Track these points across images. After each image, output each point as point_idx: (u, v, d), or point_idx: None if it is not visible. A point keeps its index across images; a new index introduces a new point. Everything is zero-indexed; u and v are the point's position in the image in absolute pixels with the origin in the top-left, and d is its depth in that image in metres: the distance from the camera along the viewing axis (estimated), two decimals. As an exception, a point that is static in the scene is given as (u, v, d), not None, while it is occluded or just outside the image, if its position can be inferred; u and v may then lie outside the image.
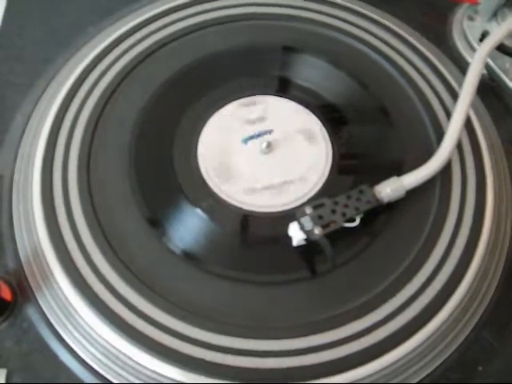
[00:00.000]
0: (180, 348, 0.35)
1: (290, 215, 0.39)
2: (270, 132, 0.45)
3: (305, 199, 0.42)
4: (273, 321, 0.37)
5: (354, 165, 0.44)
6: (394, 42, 0.50)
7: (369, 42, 0.50)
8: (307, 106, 0.47)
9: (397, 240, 0.40)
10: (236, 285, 0.38)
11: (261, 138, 0.44)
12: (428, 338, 0.37)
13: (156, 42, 0.49)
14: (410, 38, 0.51)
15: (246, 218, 0.41)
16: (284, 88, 0.48)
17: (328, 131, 0.45)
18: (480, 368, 0.38)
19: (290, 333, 0.36)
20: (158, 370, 0.35)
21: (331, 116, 0.46)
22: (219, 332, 0.36)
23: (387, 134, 0.45)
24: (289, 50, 0.49)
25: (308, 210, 0.39)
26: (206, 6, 0.51)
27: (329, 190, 0.42)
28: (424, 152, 0.43)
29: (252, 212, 0.41)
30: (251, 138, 0.45)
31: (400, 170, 0.42)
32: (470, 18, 0.53)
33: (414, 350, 0.36)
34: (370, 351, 0.36)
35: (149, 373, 0.35)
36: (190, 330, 0.36)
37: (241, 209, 0.41)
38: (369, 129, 0.46)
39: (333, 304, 0.37)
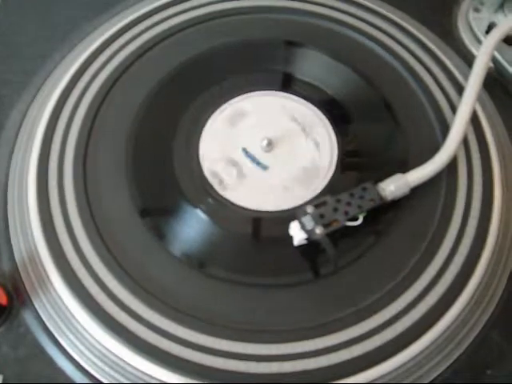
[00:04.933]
0: (183, 354, 0.35)
1: (293, 215, 0.38)
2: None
3: (308, 198, 0.41)
4: (274, 324, 0.36)
5: (358, 161, 0.43)
6: (398, 35, 0.49)
7: (372, 35, 0.49)
8: (311, 101, 0.46)
9: (402, 239, 0.39)
10: (236, 288, 0.37)
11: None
12: (435, 340, 0.36)
13: (154, 37, 0.48)
14: (415, 31, 0.50)
15: (249, 219, 0.40)
16: (287, 84, 0.47)
17: (332, 127, 0.44)
18: (489, 372, 0.37)
19: (294, 336, 0.35)
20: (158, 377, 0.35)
21: (335, 112, 0.45)
22: (217, 336, 0.35)
23: (392, 129, 0.45)
24: (292, 44, 0.48)
25: (309, 208, 0.38)
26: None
27: (333, 187, 0.41)
28: (429, 147, 0.42)
29: (254, 212, 0.40)
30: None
31: (405, 166, 0.41)
32: (476, 10, 0.52)
33: (420, 353, 0.36)
34: (375, 354, 0.35)
35: (149, 379, 0.35)
36: (190, 335, 0.35)
37: (242, 209, 0.41)
38: (373, 124, 0.45)
39: (337, 306, 0.37)
